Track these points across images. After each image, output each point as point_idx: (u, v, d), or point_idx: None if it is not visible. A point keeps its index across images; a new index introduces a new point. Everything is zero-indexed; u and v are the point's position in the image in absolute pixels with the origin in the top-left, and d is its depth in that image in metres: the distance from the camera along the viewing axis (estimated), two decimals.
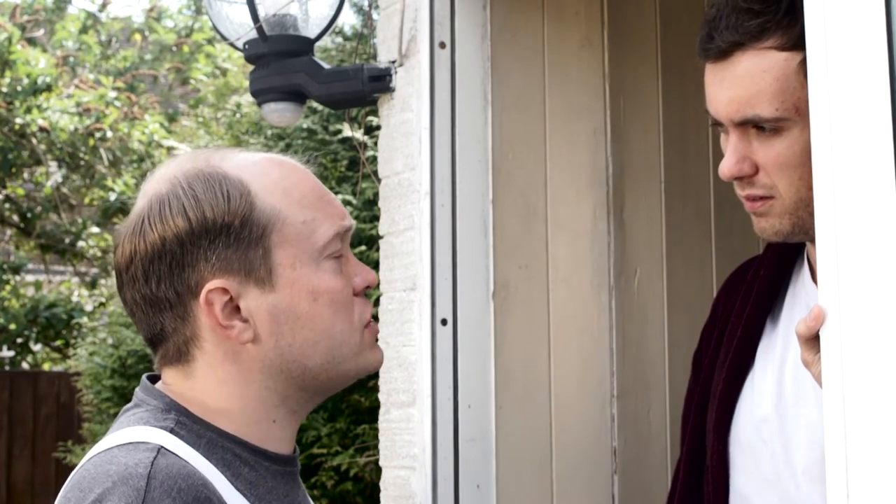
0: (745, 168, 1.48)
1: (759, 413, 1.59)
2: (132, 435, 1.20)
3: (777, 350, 1.61)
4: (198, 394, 1.27)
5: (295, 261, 1.27)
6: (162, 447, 1.17)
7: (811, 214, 1.44)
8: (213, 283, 1.24)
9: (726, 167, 1.49)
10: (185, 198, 1.25)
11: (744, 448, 1.61)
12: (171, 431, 1.21)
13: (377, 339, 2.13)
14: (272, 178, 1.29)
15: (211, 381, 1.27)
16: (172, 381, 1.29)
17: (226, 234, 1.24)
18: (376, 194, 2.62)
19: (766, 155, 1.47)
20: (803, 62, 1.38)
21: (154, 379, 1.32)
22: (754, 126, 1.46)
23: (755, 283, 1.67)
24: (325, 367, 1.29)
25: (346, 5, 2.55)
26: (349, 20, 7.14)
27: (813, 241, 1.54)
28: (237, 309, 1.25)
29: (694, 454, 1.70)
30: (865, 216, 1.08)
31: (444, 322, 2.09)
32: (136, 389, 1.31)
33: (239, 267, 1.25)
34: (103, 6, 10.42)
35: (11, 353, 9.61)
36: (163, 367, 1.31)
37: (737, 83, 1.46)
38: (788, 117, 1.44)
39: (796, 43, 1.42)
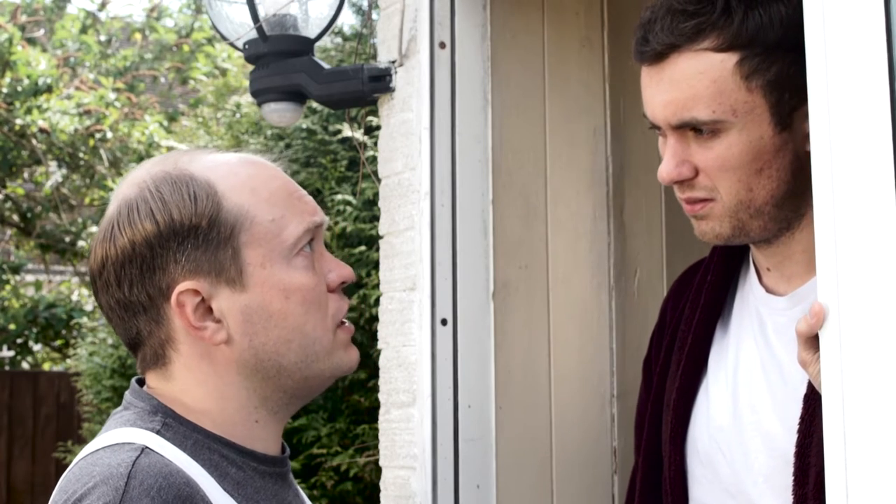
0: (684, 171, 1.46)
1: (715, 422, 1.57)
2: (118, 436, 1.21)
3: (729, 356, 1.59)
4: (179, 395, 1.27)
5: (265, 259, 1.27)
6: (146, 447, 1.18)
7: (751, 216, 1.45)
8: (183, 285, 1.24)
9: (665, 171, 1.47)
10: (152, 201, 1.25)
11: (701, 458, 1.59)
12: (158, 433, 1.21)
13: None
14: (240, 178, 1.29)
15: (190, 383, 1.27)
16: (155, 385, 1.30)
17: (194, 236, 1.25)
18: (376, 194, 2.62)
19: (704, 158, 1.45)
20: (739, 63, 1.41)
21: (143, 382, 1.33)
22: (692, 129, 1.44)
23: (703, 288, 1.65)
24: (299, 366, 1.28)
25: (346, 5, 2.55)
26: (349, 20, 7.14)
27: (755, 243, 1.53)
28: (209, 310, 1.25)
29: (650, 464, 1.68)
30: (865, 216, 1.08)
31: (444, 322, 2.09)
32: (126, 392, 1.31)
33: (209, 268, 1.25)
34: (102, 5, 10.41)
35: (11, 353, 9.61)
36: (144, 371, 1.31)
37: (673, 86, 1.44)
38: (725, 119, 1.42)
39: (732, 44, 1.41)
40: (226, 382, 1.27)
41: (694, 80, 1.43)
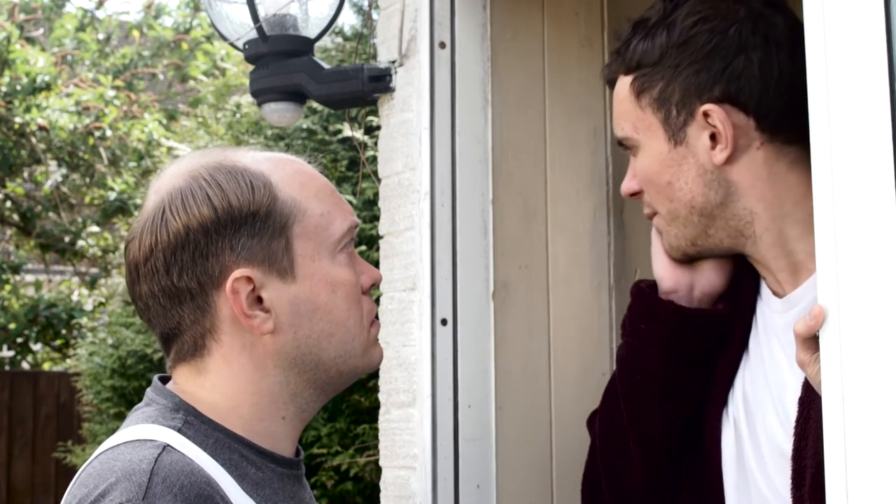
0: (632, 185, 1.64)
1: (732, 412, 1.61)
2: (140, 432, 1.21)
3: (748, 355, 1.62)
4: (209, 391, 1.28)
5: (314, 253, 1.29)
6: (168, 445, 1.18)
7: (685, 226, 1.58)
8: (239, 272, 1.25)
9: (622, 186, 1.66)
10: (208, 188, 1.26)
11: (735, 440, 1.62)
12: (179, 431, 1.22)
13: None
14: (288, 172, 1.32)
15: (224, 376, 1.28)
16: (184, 380, 1.30)
17: (251, 224, 1.26)
18: (376, 194, 2.62)
19: (637, 173, 1.61)
20: (632, 83, 1.58)
21: (165, 381, 1.33)
22: (624, 147, 1.63)
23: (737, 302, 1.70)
24: (336, 361, 1.30)
25: (346, 5, 2.55)
26: (349, 20, 7.14)
27: (717, 253, 1.62)
28: (258, 299, 1.26)
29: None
30: (864, 216, 1.08)
31: (444, 322, 2.09)
32: (148, 389, 1.32)
33: (263, 257, 1.26)
34: (100, 4, 10.40)
35: (11, 353, 9.60)
36: (176, 365, 1.31)
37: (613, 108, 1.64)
38: (631, 136, 1.59)
39: (627, 68, 1.59)
40: (262, 375, 1.28)
41: (616, 102, 1.64)
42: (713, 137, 1.51)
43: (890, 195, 1.05)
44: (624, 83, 1.59)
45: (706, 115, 1.51)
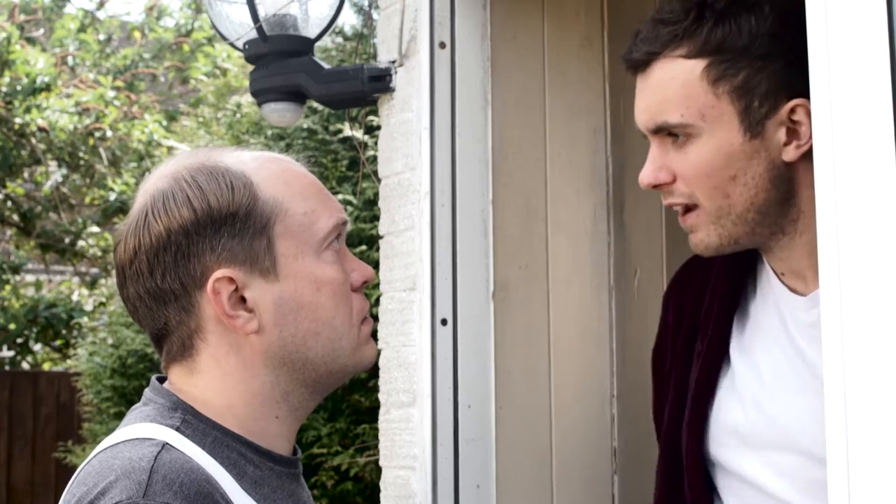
0: (661, 176, 1.52)
1: (736, 416, 1.59)
2: (138, 431, 1.21)
3: (754, 351, 1.60)
4: (202, 391, 1.28)
5: (298, 251, 1.28)
6: (167, 443, 1.18)
7: (735, 224, 1.50)
8: (220, 272, 1.25)
9: (643, 175, 1.53)
10: (189, 189, 1.27)
11: (721, 446, 1.60)
12: (177, 430, 1.22)
13: (376, 337, 2.13)
14: (272, 171, 1.31)
15: (215, 375, 1.28)
16: (178, 380, 1.30)
17: (231, 224, 1.26)
18: (376, 194, 2.62)
19: (681, 163, 1.50)
20: (706, 68, 1.48)
21: (163, 381, 1.33)
22: (669, 134, 1.50)
23: (718, 281, 1.66)
24: (325, 360, 1.30)
25: (346, 5, 2.55)
26: (349, 20, 7.14)
27: (749, 249, 1.57)
28: (242, 299, 1.26)
29: (670, 450, 1.70)
30: (866, 213, 1.08)
31: (444, 322, 2.09)
32: (146, 389, 1.32)
33: (244, 257, 1.26)
34: (101, 4, 10.41)
35: (11, 353, 9.60)
36: (168, 365, 1.32)
37: (650, 91, 1.52)
38: (694, 123, 1.48)
39: (701, 50, 1.48)
40: (252, 374, 1.28)
41: (666, 85, 1.50)
42: (788, 133, 1.46)
43: (891, 193, 1.05)
44: (687, 66, 1.48)
45: (793, 110, 1.45)
